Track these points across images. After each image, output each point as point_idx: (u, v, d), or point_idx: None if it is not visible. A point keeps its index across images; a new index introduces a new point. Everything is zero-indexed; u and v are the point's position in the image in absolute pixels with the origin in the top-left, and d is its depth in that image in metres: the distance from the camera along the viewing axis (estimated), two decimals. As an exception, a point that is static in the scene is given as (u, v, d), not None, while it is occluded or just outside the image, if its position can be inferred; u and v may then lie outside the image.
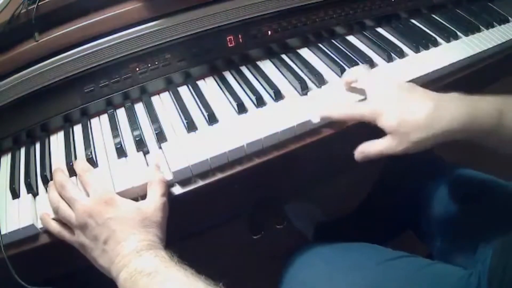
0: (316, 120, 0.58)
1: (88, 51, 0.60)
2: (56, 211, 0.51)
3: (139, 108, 0.65)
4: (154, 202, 0.50)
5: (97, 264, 0.48)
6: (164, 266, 0.44)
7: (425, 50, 0.71)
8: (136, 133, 0.59)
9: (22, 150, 0.62)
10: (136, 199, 0.52)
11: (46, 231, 0.52)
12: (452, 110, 0.47)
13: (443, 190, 0.73)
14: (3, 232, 0.50)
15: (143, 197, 0.52)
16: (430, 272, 0.62)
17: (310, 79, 0.66)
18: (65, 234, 0.50)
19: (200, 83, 0.67)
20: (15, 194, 0.55)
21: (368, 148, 0.53)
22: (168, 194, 0.52)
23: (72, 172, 0.55)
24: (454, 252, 0.69)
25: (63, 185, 0.51)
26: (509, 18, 0.78)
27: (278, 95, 0.62)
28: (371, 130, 0.65)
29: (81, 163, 0.55)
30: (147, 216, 0.49)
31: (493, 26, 0.76)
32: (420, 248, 0.80)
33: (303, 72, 0.67)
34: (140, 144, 0.58)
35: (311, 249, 0.69)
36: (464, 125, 0.47)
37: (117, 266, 0.45)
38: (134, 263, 0.45)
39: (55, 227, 0.51)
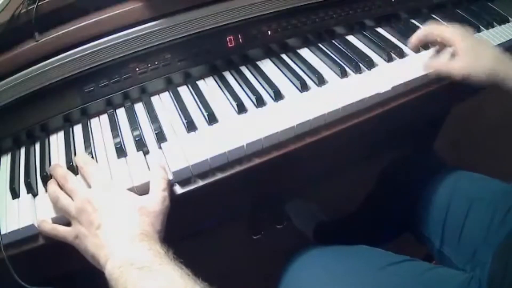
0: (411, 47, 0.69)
1: (88, 51, 0.60)
2: (55, 201, 0.51)
3: (139, 108, 0.65)
4: (155, 194, 0.50)
5: (89, 255, 0.47)
6: (158, 263, 0.43)
7: (425, 50, 0.71)
8: (136, 133, 0.59)
9: (22, 150, 0.62)
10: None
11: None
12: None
13: (442, 192, 0.73)
14: (3, 232, 0.50)
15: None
16: (430, 277, 0.62)
17: (310, 78, 0.66)
18: (60, 229, 0.50)
19: (200, 83, 0.67)
20: (15, 194, 0.55)
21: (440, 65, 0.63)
22: (169, 191, 0.52)
23: (72, 171, 0.55)
24: (453, 255, 0.69)
25: (66, 178, 0.52)
26: (509, 18, 0.79)
27: (278, 95, 0.62)
28: (371, 130, 0.66)
29: (82, 156, 0.56)
30: (145, 205, 0.49)
31: (493, 26, 0.76)
32: (419, 248, 0.80)
33: (303, 71, 0.67)
34: (140, 144, 0.58)
35: (311, 251, 0.69)
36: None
37: (106, 252, 0.45)
38: (125, 252, 0.44)
39: (50, 224, 0.51)
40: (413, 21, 0.79)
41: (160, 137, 0.58)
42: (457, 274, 0.63)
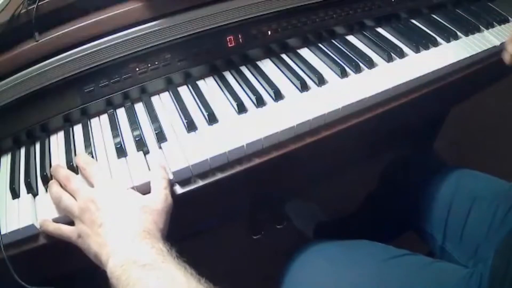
0: None
1: (88, 51, 0.60)
2: (58, 202, 0.51)
3: (139, 108, 0.65)
4: (156, 193, 0.51)
5: (91, 253, 0.47)
6: (160, 261, 0.43)
7: (425, 50, 0.71)
8: (136, 133, 0.59)
9: (22, 150, 0.62)
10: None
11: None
12: None
13: (444, 190, 0.73)
14: (3, 232, 0.50)
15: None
16: (432, 271, 0.62)
17: (310, 78, 0.66)
18: (63, 228, 0.50)
19: (200, 83, 0.67)
20: (15, 194, 0.55)
21: None
22: (170, 190, 0.52)
23: (72, 171, 0.55)
24: (455, 252, 0.69)
25: (69, 178, 0.52)
26: (509, 18, 0.79)
27: (278, 95, 0.62)
28: (371, 130, 0.66)
29: (83, 157, 0.56)
30: (148, 204, 0.49)
31: (493, 26, 0.76)
32: (421, 247, 0.80)
33: (303, 71, 0.67)
34: (140, 144, 0.58)
35: (312, 247, 0.69)
36: None
37: (108, 250, 0.45)
38: (127, 250, 0.44)
39: (53, 224, 0.51)
40: (413, 21, 0.79)
41: (160, 137, 0.58)
42: (458, 269, 0.63)
